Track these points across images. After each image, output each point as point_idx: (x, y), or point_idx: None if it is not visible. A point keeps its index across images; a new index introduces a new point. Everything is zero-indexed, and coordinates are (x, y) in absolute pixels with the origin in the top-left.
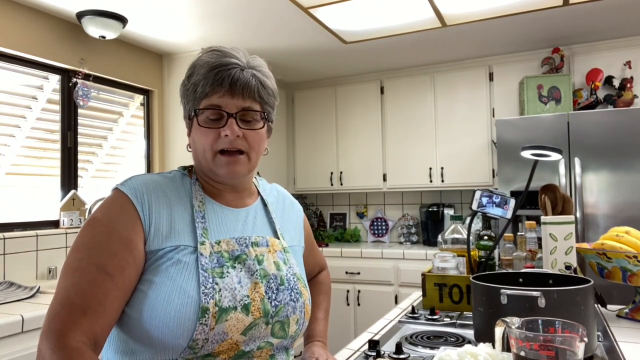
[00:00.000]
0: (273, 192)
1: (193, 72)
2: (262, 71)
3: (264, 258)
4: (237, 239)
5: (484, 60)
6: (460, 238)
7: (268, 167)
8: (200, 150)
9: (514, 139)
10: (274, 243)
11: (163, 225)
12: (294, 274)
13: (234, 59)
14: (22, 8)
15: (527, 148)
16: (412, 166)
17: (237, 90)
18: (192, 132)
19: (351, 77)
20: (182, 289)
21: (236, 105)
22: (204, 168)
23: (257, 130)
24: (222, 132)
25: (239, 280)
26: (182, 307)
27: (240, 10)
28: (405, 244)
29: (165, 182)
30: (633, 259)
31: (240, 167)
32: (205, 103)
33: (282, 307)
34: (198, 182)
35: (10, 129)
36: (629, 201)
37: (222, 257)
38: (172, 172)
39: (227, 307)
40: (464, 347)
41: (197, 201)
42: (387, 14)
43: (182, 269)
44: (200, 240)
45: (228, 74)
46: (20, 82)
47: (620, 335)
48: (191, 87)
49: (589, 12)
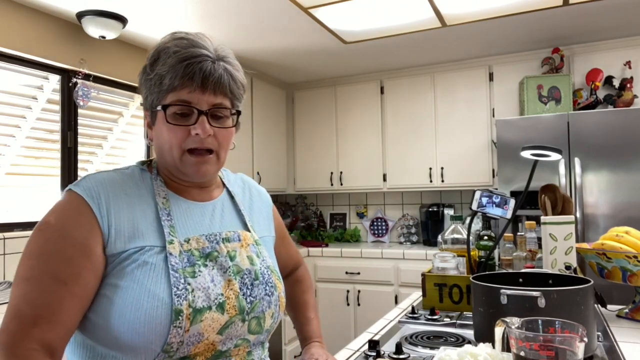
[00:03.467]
0: (238, 183)
1: (157, 59)
2: (232, 63)
3: (236, 254)
4: (207, 236)
5: (484, 60)
6: (460, 238)
7: (268, 167)
8: (166, 147)
9: (514, 139)
10: (245, 237)
11: (124, 226)
12: (268, 266)
13: (204, 50)
14: (22, 8)
15: (527, 148)
16: (412, 166)
17: (209, 86)
18: (157, 127)
19: (351, 77)
20: (150, 292)
21: (207, 102)
22: (169, 165)
23: (227, 129)
24: (193, 131)
25: (212, 279)
26: (152, 311)
27: (240, 10)
28: (405, 244)
29: (124, 180)
30: (633, 259)
31: (209, 166)
32: (172, 98)
33: (257, 302)
34: (160, 177)
35: (10, 129)
36: (629, 201)
37: (192, 256)
38: (129, 167)
39: (201, 308)
40: (464, 347)
41: (160, 198)
42: (387, 14)
43: (149, 270)
44: (168, 239)
45: (199, 67)
46: (20, 82)
47: (620, 335)
48: (155, 77)
49: (589, 12)
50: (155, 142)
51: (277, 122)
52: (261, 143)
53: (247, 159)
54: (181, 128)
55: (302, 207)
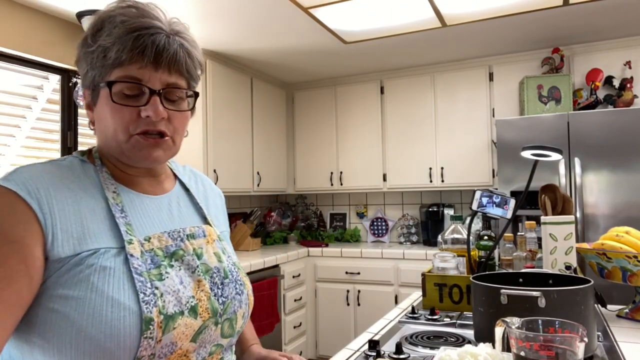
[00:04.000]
0: (187, 173)
1: (101, 29)
2: (188, 39)
3: (202, 251)
4: (169, 233)
5: (484, 60)
6: (460, 238)
7: (268, 167)
8: (110, 131)
9: (514, 139)
10: (210, 232)
11: (72, 226)
12: (234, 263)
13: (156, 22)
14: (22, 8)
15: (527, 148)
16: (412, 166)
17: (163, 62)
18: (99, 108)
19: (351, 77)
20: (114, 300)
21: (160, 80)
22: (114, 151)
23: (183, 112)
24: (143, 112)
25: (181, 280)
26: (118, 323)
27: (240, 10)
28: (405, 244)
29: (63, 172)
30: (633, 259)
31: (162, 152)
32: (119, 74)
33: (229, 302)
34: (105, 168)
35: (10, 129)
36: (629, 201)
37: (156, 256)
38: (66, 158)
39: (173, 313)
40: (464, 347)
41: (110, 192)
42: (387, 14)
43: (108, 276)
44: (126, 238)
45: (152, 40)
46: (20, 82)
47: (620, 335)
48: (98, 50)
49: (589, 12)
50: (97, 125)
51: (277, 122)
52: (261, 143)
53: (247, 159)
54: (129, 109)
55: (302, 207)
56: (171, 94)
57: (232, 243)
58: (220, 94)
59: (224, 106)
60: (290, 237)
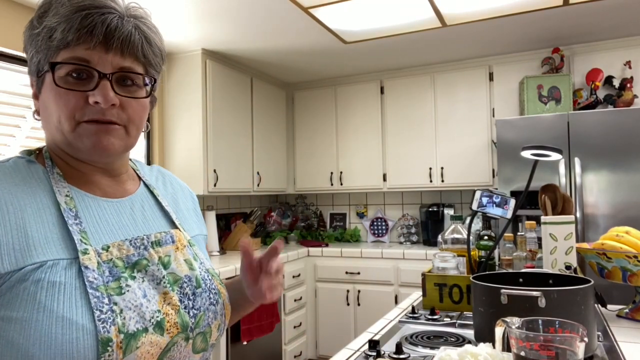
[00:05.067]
0: (155, 175)
1: (47, 10)
2: (147, 23)
3: (170, 259)
4: (130, 241)
5: (484, 60)
6: (460, 238)
7: (268, 167)
8: (54, 119)
9: (514, 139)
10: (180, 237)
11: (12, 236)
12: (207, 270)
13: (109, 1)
14: (22, 8)
15: (527, 148)
16: (412, 166)
17: (114, 43)
18: (43, 95)
19: (351, 77)
20: (65, 320)
21: (112, 64)
22: (61, 143)
23: (139, 100)
24: (91, 98)
25: (144, 293)
26: (70, 346)
27: (240, 10)
28: (405, 244)
29: (4, 175)
30: (633, 259)
31: (114, 140)
32: (65, 55)
33: (202, 315)
34: (56, 168)
35: (10, 129)
36: (629, 201)
37: (115, 267)
38: (9, 159)
39: (135, 331)
40: (464, 347)
41: (62, 196)
42: (387, 14)
43: (57, 292)
44: (80, 248)
45: (101, 19)
46: (20, 82)
47: (620, 335)
48: (44, 31)
49: (589, 12)
50: (41, 115)
51: (277, 122)
52: (261, 143)
53: (247, 159)
54: (75, 94)
55: (302, 207)
56: (125, 78)
57: (232, 243)
58: (220, 94)
59: (223, 106)
60: (290, 237)
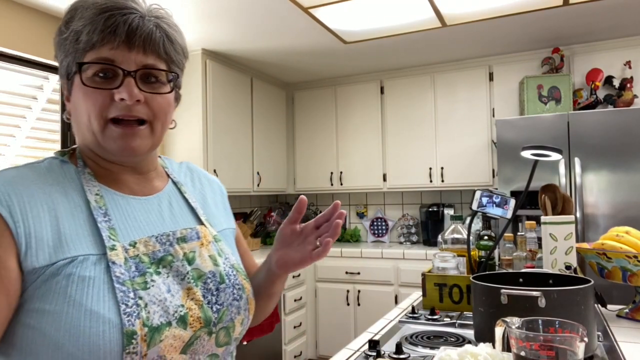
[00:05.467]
0: (184, 171)
1: (74, 15)
2: (168, 22)
3: (195, 255)
4: (157, 237)
5: (484, 60)
6: (460, 238)
7: (268, 167)
8: (84, 119)
9: (514, 139)
10: (205, 233)
11: (47, 233)
12: (232, 265)
13: (131, 2)
14: (22, 8)
15: (527, 148)
16: (412, 166)
17: (137, 41)
18: (73, 97)
19: (351, 77)
20: (92, 313)
21: (135, 61)
22: (91, 143)
23: (162, 95)
24: (117, 95)
25: (168, 288)
26: (97, 338)
27: (240, 10)
28: (405, 244)
29: (39, 176)
30: (633, 259)
31: (140, 141)
32: (92, 56)
33: (225, 310)
34: (87, 169)
35: (10, 129)
36: (629, 201)
37: (141, 263)
38: (45, 160)
39: (159, 325)
40: (464, 347)
41: (92, 194)
42: (387, 14)
43: (86, 286)
44: (109, 244)
45: (124, 19)
46: (20, 82)
47: (620, 335)
48: (71, 35)
49: (589, 12)
50: (73, 116)
51: (277, 122)
52: (261, 143)
53: (247, 159)
54: (102, 92)
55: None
56: (149, 75)
57: None
58: (220, 94)
59: (223, 106)
60: None
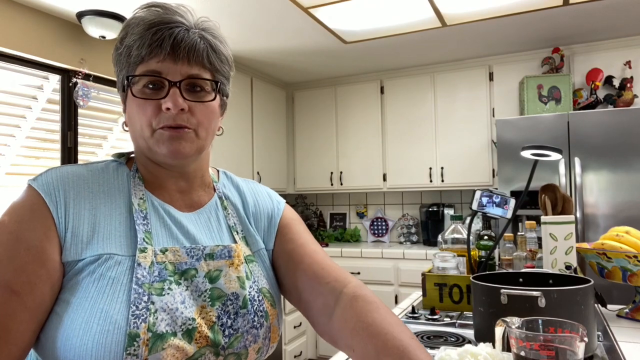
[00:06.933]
0: (235, 187)
1: (127, 32)
2: (213, 33)
3: (220, 274)
4: (188, 249)
5: (484, 60)
6: (460, 238)
7: (268, 167)
8: (137, 128)
9: (514, 139)
10: (239, 253)
11: (83, 230)
12: (259, 289)
13: (178, 17)
14: (22, 8)
15: (527, 148)
16: (412, 166)
17: (181, 53)
18: (128, 107)
19: (351, 77)
20: (103, 312)
21: (180, 72)
22: (144, 149)
23: (206, 103)
24: (163, 105)
25: (183, 300)
26: (101, 337)
27: (240, 10)
28: (405, 244)
29: (92, 175)
30: (633, 259)
31: (185, 144)
32: (141, 69)
33: (238, 336)
34: (138, 173)
35: (10, 129)
36: (629, 201)
37: (165, 270)
38: (104, 161)
39: (163, 333)
40: (464, 347)
41: (136, 198)
42: (387, 14)
43: (105, 286)
44: (141, 246)
45: (169, 33)
46: (20, 82)
47: (620, 335)
48: (124, 50)
49: (589, 12)
50: (129, 126)
51: (277, 122)
52: (261, 143)
53: (247, 159)
54: (151, 103)
55: (302, 207)
56: (194, 85)
57: None
58: None
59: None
60: None
